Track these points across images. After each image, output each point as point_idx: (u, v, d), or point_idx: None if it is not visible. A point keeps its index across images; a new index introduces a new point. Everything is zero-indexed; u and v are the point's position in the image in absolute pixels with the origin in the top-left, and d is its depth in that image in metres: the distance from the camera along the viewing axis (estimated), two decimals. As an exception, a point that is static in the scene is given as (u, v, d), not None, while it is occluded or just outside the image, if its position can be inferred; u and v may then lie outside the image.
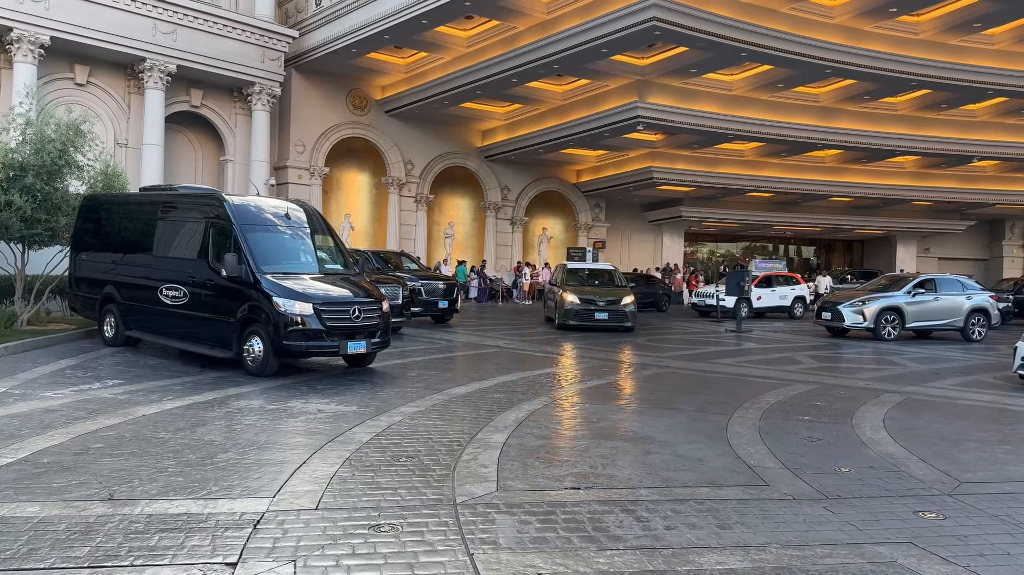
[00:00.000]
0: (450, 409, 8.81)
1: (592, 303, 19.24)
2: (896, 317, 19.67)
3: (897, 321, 19.65)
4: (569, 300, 19.28)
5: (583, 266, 23.50)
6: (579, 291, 19.80)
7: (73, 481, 5.50)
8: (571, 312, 19.12)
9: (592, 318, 19.08)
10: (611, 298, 19.46)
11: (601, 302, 19.22)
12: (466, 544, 4.56)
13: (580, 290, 19.94)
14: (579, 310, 19.11)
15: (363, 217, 33.01)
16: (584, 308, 19.13)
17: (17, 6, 21.16)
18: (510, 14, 24.30)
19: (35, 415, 7.60)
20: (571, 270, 21.77)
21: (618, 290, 20.35)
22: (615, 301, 19.35)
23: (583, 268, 22.84)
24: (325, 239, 12.45)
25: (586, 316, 19.09)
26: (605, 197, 39.68)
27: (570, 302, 19.24)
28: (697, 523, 5.11)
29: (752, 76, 28.05)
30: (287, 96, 28.84)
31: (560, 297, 19.61)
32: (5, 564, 4.04)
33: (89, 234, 14.07)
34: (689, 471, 6.47)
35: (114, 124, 24.73)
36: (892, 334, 19.55)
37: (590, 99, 29.32)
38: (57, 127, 14.75)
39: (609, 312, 19.10)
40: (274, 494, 5.37)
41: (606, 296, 19.60)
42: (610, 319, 19.12)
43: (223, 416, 7.97)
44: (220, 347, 11.02)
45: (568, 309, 19.20)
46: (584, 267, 23.26)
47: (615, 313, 19.18)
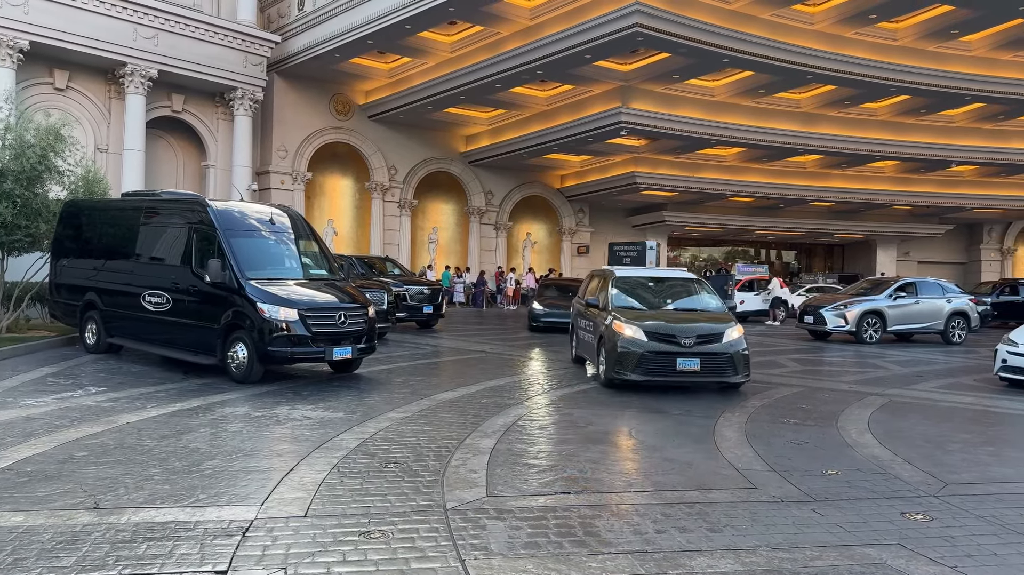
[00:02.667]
0: (438, 414, 8.78)
1: (672, 341, 10.72)
2: (878, 320, 19.85)
3: (879, 324, 19.83)
4: (628, 335, 10.82)
5: (642, 273, 13.93)
6: (644, 319, 11.22)
7: (58, 490, 5.43)
8: (633, 358, 10.67)
9: (672, 369, 10.63)
10: (705, 332, 10.95)
11: (687, 339, 10.72)
12: (457, 550, 4.54)
13: (645, 318, 11.33)
14: (649, 354, 10.63)
15: (346, 222, 32.89)
16: (658, 351, 10.65)
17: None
18: (494, 20, 24.34)
19: (17, 423, 7.49)
20: (623, 281, 12.60)
21: (713, 317, 11.70)
22: (712, 337, 10.90)
23: (643, 277, 13.44)
24: (309, 244, 12.39)
25: (662, 365, 10.64)
26: (589, 202, 39.79)
27: (630, 339, 10.79)
28: (687, 526, 5.12)
29: (734, 82, 28.26)
30: (270, 101, 28.69)
31: (610, 329, 11.14)
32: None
33: (70, 240, 13.92)
34: (678, 475, 6.48)
35: (94, 129, 24.49)
36: (874, 337, 19.73)
37: (574, 104, 29.41)
38: (37, 132, 14.59)
39: (703, 358, 10.68)
40: (262, 501, 5.32)
41: (694, 328, 10.97)
42: (705, 370, 10.72)
43: (208, 423, 7.90)
44: (204, 353, 10.92)
45: (627, 352, 10.72)
46: (644, 275, 13.70)
47: (714, 360, 10.78)
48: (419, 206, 34.57)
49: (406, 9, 22.94)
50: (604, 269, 14.22)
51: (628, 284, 12.57)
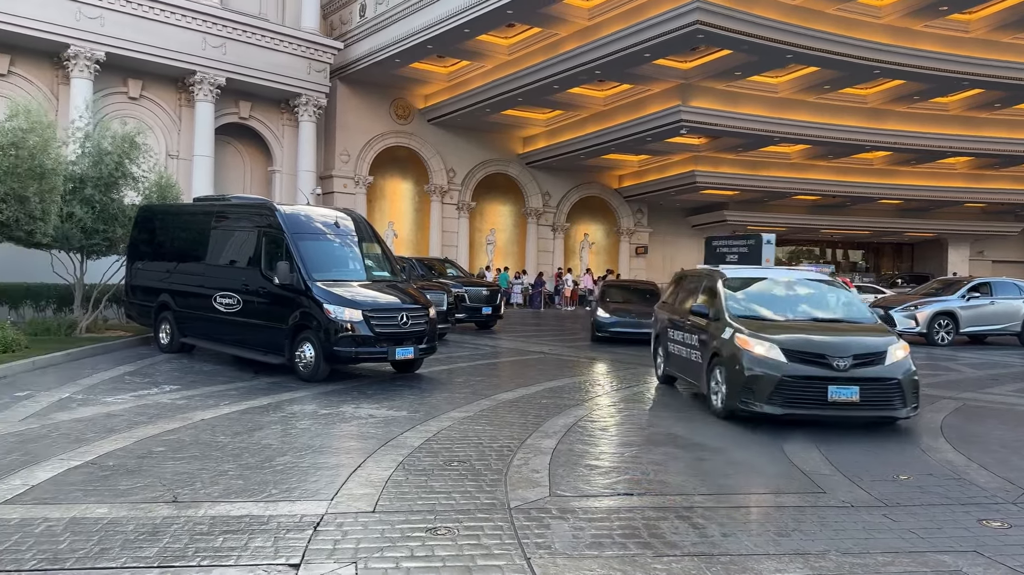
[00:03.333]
0: (498, 414, 8.85)
1: (821, 362, 8.27)
2: (950, 322, 19.18)
3: (951, 326, 19.16)
4: (759, 354, 8.41)
5: (762, 274, 10.90)
6: (778, 333, 8.71)
7: (138, 483, 5.67)
8: (767, 384, 8.25)
9: (822, 400, 8.15)
10: (863, 350, 8.49)
11: (841, 359, 8.23)
12: (522, 548, 4.59)
13: (777, 330, 8.81)
14: (791, 379, 8.21)
15: (406, 225, 33.34)
16: (802, 375, 8.21)
17: (74, 23, 21.88)
18: (552, 21, 24.36)
19: (98, 420, 7.83)
20: (739, 283, 10.05)
21: (866, 329, 9.27)
22: (873, 357, 8.48)
23: (764, 278, 10.44)
24: (372, 247, 12.63)
25: (808, 394, 8.18)
26: (647, 202, 39.47)
27: (762, 359, 8.38)
28: (754, 530, 5.07)
29: (798, 78, 27.68)
30: (332, 106, 29.29)
31: (731, 345, 8.76)
32: (80, 563, 4.18)
33: (144, 243, 14.47)
34: (743, 478, 6.41)
35: (166, 136, 25.39)
36: (946, 339, 19.07)
37: (632, 104, 29.23)
38: (113, 140, 15.21)
39: (863, 384, 8.22)
40: (332, 497, 5.46)
41: (848, 345, 8.49)
42: (866, 401, 8.25)
43: (278, 420, 8.13)
44: (273, 353, 11.23)
45: (759, 376, 8.31)
46: (765, 276, 10.63)
47: (878, 387, 8.34)
48: (477, 208, 34.81)
49: (465, 13, 23.16)
50: (702, 269, 11.65)
51: (746, 287, 9.91)
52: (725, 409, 8.76)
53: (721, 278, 10.08)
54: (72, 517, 4.88)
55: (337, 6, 29.30)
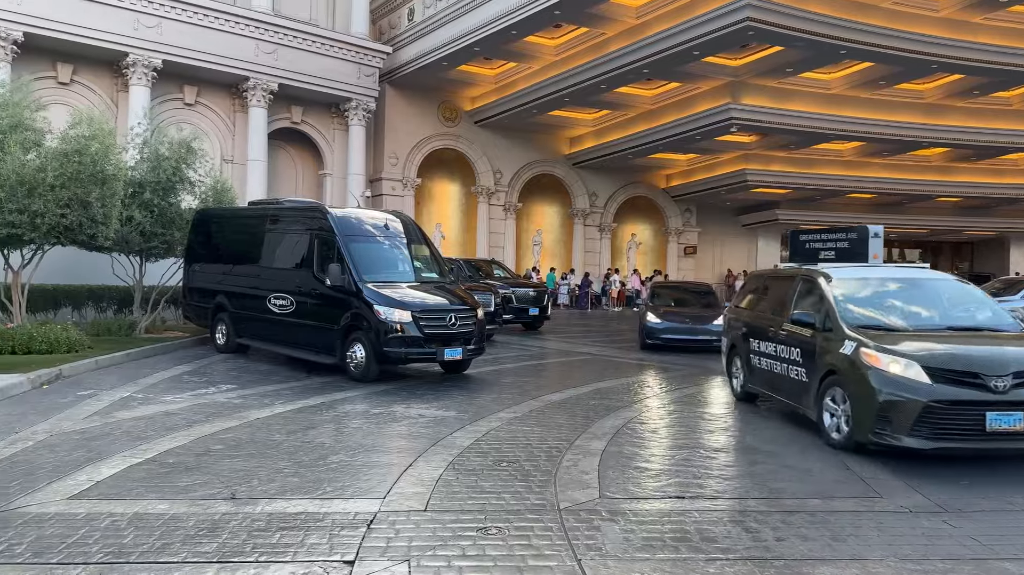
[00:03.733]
0: (546, 415, 8.86)
1: (974, 382, 6.74)
2: (1013, 323, 18.51)
3: (1015, 327, 18.49)
4: (895, 374, 6.96)
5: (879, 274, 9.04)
6: (915, 345, 7.19)
7: (197, 480, 5.82)
8: (910, 411, 6.73)
9: (979, 429, 6.61)
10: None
11: (999, 379, 6.70)
12: (573, 550, 4.59)
13: (912, 342, 7.30)
14: (939, 405, 6.65)
15: (454, 226, 33.55)
16: (953, 400, 6.67)
17: (132, 32, 22.55)
18: (599, 20, 24.28)
19: (158, 418, 8.07)
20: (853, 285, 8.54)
21: (1018, 340, 7.71)
22: None
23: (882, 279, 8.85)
24: (421, 248, 12.75)
25: (961, 422, 6.65)
26: (696, 201, 39.05)
27: (899, 380, 6.91)
28: (809, 535, 4.98)
29: (852, 74, 27.09)
30: (381, 110, 29.65)
31: (856, 361, 7.29)
32: (143, 557, 4.32)
33: (201, 246, 14.84)
34: (797, 482, 6.30)
35: (221, 141, 26.00)
36: (1009, 341, 18.40)
37: (681, 102, 28.96)
38: (170, 145, 15.65)
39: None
40: (384, 495, 5.54)
41: (1005, 359, 6.94)
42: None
43: (331, 420, 8.28)
44: (325, 353, 11.42)
45: (898, 401, 6.83)
46: (882, 277, 8.95)
47: None
48: (523, 209, 34.86)
49: (512, 15, 23.23)
50: (791, 268, 9.90)
51: (860, 290, 8.42)
52: (850, 440, 7.22)
53: (825, 279, 8.50)
54: (135, 512, 5.04)
55: (386, 11, 29.64)
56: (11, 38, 20.76)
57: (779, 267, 10.31)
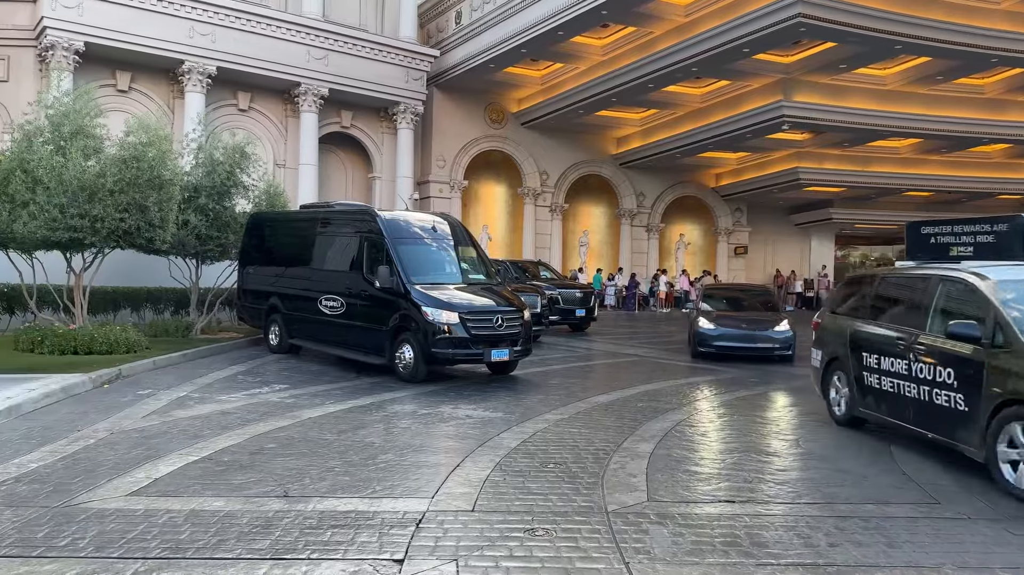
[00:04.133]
0: (593, 417, 8.83)
1: None
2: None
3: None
4: None
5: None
6: None
7: (252, 478, 5.95)
8: None
9: None
10: None
11: None
12: (621, 553, 4.57)
13: None
14: None
15: (500, 227, 33.64)
16: None
17: (187, 40, 23.16)
18: (647, 19, 24.09)
19: (214, 417, 8.27)
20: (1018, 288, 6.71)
21: None
22: None
23: None
24: (468, 250, 12.82)
25: None
26: (747, 201, 38.45)
27: None
28: (863, 541, 4.88)
29: (908, 69, 26.36)
30: (429, 113, 29.87)
31: None
32: (200, 553, 4.44)
33: (254, 249, 15.16)
34: (852, 487, 6.17)
35: (273, 146, 26.52)
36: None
37: (731, 100, 28.55)
38: (225, 151, 16.01)
39: None
40: (432, 495, 5.59)
41: None
42: None
43: (380, 419, 8.38)
44: (374, 354, 11.57)
45: None
46: None
47: None
48: (569, 209, 34.77)
49: (559, 16, 23.20)
50: (917, 268, 8.23)
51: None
52: None
53: (982, 281, 6.86)
54: (191, 509, 5.18)
55: (433, 15, 29.88)
56: (73, 48, 21.50)
57: (899, 265, 8.68)
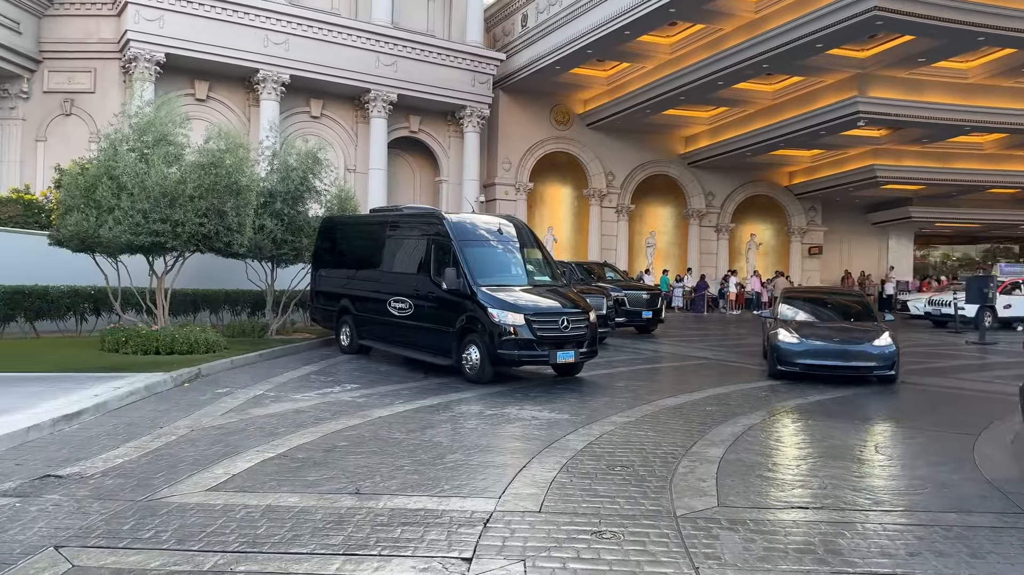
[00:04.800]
0: (661, 420, 8.74)
1: None
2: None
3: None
4: None
5: None
6: None
7: (325, 475, 6.10)
8: None
9: None
10: None
11: None
12: (690, 558, 4.52)
13: None
14: None
15: (565, 229, 33.59)
16: None
17: (262, 49, 23.89)
18: (716, 16, 23.73)
19: (288, 415, 8.50)
20: None
21: None
22: None
23: None
24: (533, 252, 12.85)
25: None
26: (821, 199, 37.47)
27: None
28: (944, 550, 4.70)
29: (992, 62, 25.25)
30: (495, 116, 30.07)
31: None
32: (276, 547, 4.57)
33: (326, 252, 15.52)
34: (932, 495, 5.95)
35: (344, 151, 27.12)
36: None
37: (803, 96, 27.87)
38: (298, 157, 16.44)
39: None
40: (499, 495, 5.63)
41: None
42: None
43: (448, 420, 8.48)
44: (441, 355, 11.70)
45: None
46: None
47: None
48: (636, 210, 34.48)
49: (626, 15, 23.06)
50: None
51: None
52: None
53: None
54: (267, 505, 5.34)
55: (500, 19, 30.08)
56: (154, 59, 22.41)
57: None
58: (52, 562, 4.26)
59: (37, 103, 23.20)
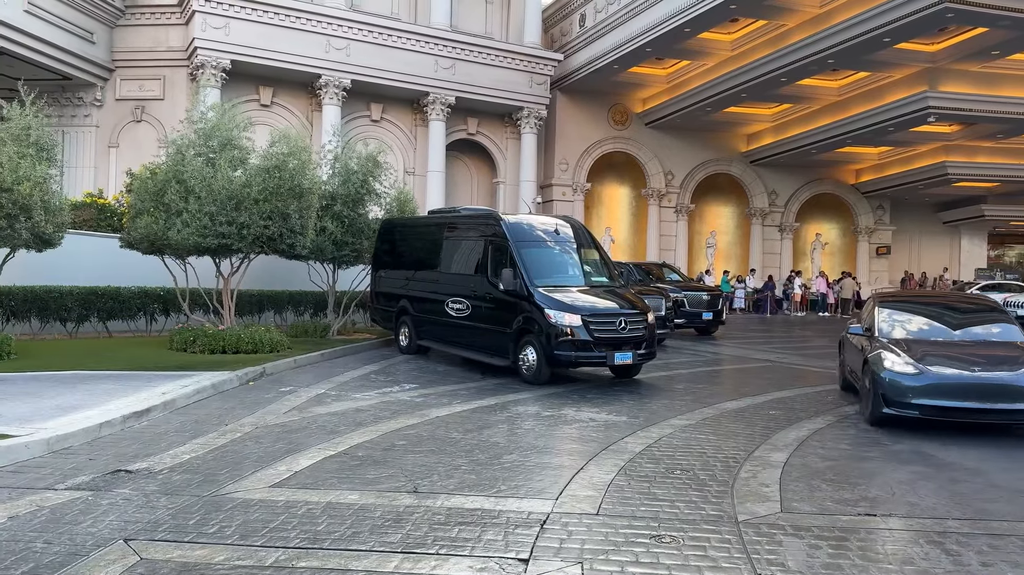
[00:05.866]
0: (722, 424, 8.59)
1: None
2: None
3: None
4: None
5: None
6: None
7: (384, 474, 6.17)
8: None
9: None
10: None
11: None
12: (752, 564, 4.42)
13: None
14: None
15: (623, 230, 33.32)
16: None
17: (323, 55, 24.35)
18: (778, 12, 23.23)
19: (349, 414, 8.63)
20: None
21: None
22: None
23: None
24: (590, 252, 12.77)
25: None
26: (889, 197, 36.34)
27: None
28: (1020, 561, 4.50)
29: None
30: (552, 117, 30.02)
31: None
32: (335, 544, 4.64)
33: (386, 254, 15.72)
34: (1007, 503, 5.70)
35: (403, 154, 27.45)
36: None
37: (870, 92, 27.06)
38: (359, 160, 16.70)
39: None
40: (556, 496, 5.60)
41: None
42: None
43: (504, 420, 8.49)
44: (498, 356, 11.73)
45: None
46: None
47: None
48: (696, 210, 33.99)
49: (686, 12, 22.76)
50: None
51: None
52: None
53: None
54: (328, 502, 5.42)
55: (558, 19, 30.03)
56: (220, 66, 23.06)
57: None
58: (122, 554, 4.40)
59: (109, 110, 24.13)
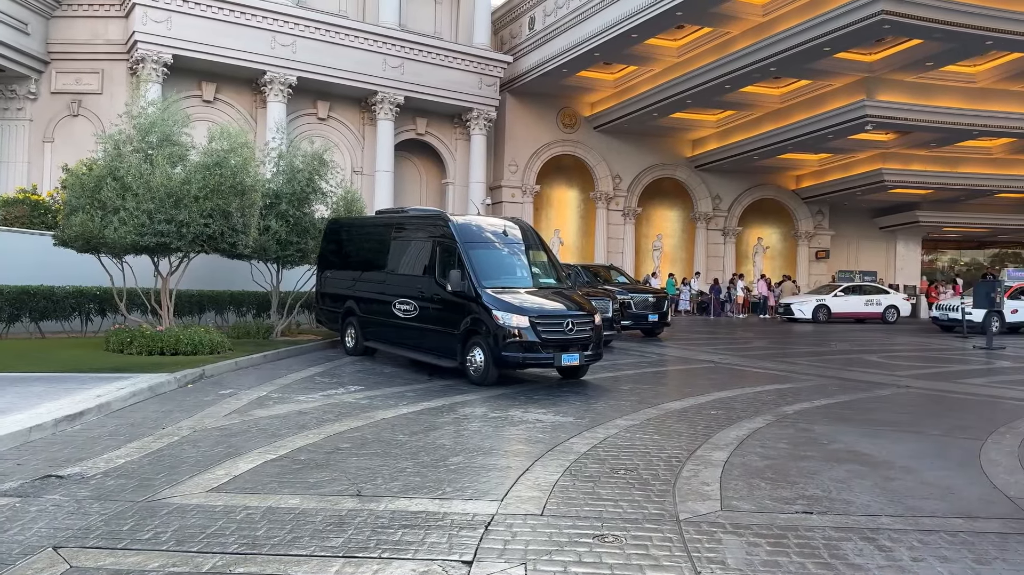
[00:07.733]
0: (666, 424, 8.69)
1: None
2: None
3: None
4: None
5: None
6: None
7: (326, 477, 6.08)
8: None
9: None
10: None
11: None
12: (692, 562, 4.48)
13: None
14: None
15: (572, 232, 33.57)
16: None
17: (269, 51, 23.96)
18: (723, 19, 23.70)
19: (292, 417, 8.49)
20: None
21: None
22: None
23: None
24: (539, 254, 12.82)
25: None
26: (829, 203, 37.38)
27: None
28: (949, 556, 4.65)
29: (1000, 66, 25.18)
30: (501, 119, 30.08)
31: None
32: (275, 549, 4.55)
33: (332, 254, 15.52)
34: (937, 500, 5.90)
35: (351, 153, 27.17)
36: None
37: (811, 100, 27.83)
38: (304, 158, 16.46)
39: None
40: (501, 498, 5.60)
41: None
42: None
43: (451, 422, 8.45)
44: (446, 357, 11.68)
45: None
46: None
47: None
48: (643, 213, 34.45)
49: (633, 18, 23.06)
50: None
51: None
52: None
53: None
54: (268, 506, 5.31)
55: (507, 21, 30.11)
56: (162, 60, 22.50)
57: None
58: (51, 562, 4.24)
59: (45, 104, 23.32)
